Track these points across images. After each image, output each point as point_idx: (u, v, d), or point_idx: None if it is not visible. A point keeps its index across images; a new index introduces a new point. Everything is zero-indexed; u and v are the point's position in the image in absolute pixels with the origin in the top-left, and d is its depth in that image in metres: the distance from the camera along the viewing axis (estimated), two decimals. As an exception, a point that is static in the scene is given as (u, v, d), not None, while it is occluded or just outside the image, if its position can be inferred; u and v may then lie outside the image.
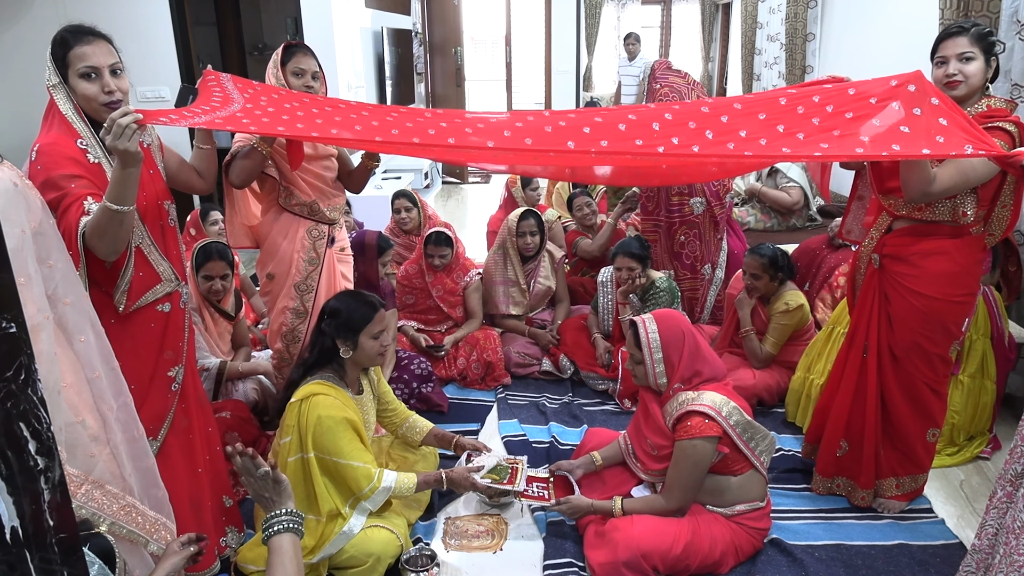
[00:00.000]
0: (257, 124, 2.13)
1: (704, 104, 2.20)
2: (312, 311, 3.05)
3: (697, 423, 2.43)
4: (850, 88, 2.16)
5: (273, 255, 3.03)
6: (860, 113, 2.10)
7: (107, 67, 2.04)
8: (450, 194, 9.36)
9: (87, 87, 2.01)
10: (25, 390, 0.76)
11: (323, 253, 3.05)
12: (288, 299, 3.05)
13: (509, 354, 4.07)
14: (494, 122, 2.27)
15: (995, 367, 3.25)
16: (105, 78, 2.03)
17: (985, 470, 3.15)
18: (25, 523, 0.76)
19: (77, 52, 2.00)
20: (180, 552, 1.84)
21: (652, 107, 2.23)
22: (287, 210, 2.99)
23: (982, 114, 2.38)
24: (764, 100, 2.20)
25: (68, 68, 2.01)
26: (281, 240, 3.00)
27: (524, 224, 4.15)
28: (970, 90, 2.40)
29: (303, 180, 2.97)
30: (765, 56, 7.74)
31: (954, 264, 2.51)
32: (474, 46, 13.97)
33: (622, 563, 2.37)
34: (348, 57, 6.48)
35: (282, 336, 3.10)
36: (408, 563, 2.49)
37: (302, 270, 3.02)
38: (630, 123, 2.13)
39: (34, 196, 1.86)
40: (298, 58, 2.84)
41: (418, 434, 2.94)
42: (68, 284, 1.91)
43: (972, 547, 2.09)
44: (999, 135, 2.29)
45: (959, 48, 2.39)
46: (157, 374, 2.22)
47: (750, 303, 3.61)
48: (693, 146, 2.08)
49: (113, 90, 2.04)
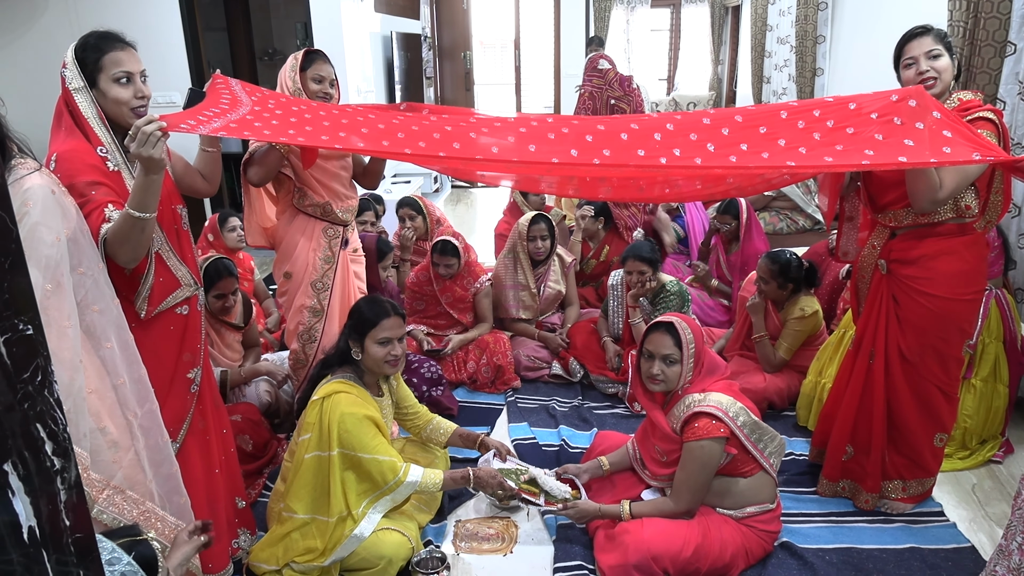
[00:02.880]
0: (269, 128, 2.15)
1: (706, 116, 2.20)
2: (327, 310, 3.09)
3: (704, 424, 2.43)
4: (851, 103, 2.17)
5: (290, 254, 3.07)
6: (861, 128, 2.11)
7: (138, 73, 2.09)
8: (459, 198, 9.37)
9: (121, 92, 2.05)
10: (42, 391, 0.77)
11: (337, 252, 3.10)
12: (305, 297, 3.09)
13: (519, 357, 4.07)
14: (499, 127, 2.29)
15: (1008, 371, 3.23)
16: (137, 83, 2.08)
17: (997, 474, 3.13)
18: (42, 523, 0.76)
19: (112, 57, 2.04)
20: (190, 542, 1.83)
21: (655, 117, 2.24)
22: (301, 211, 3.03)
23: (958, 108, 2.41)
24: (765, 114, 2.20)
25: (100, 72, 2.03)
26: (298, 239, 3.05)
27: (535, 228, 4.15)
28: (943, 87, 2.43)
29: (317, 181, 3.00)
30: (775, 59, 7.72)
31: (963, 263, 2.52)
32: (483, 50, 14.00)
33: (632, 566, 2.37)
34: (357, 62, 6.51)
35: (298, 336, 3.13)
36: (419, 565, 2.49)
37: (318, 268, 3.06)
38: (632, 132, 2.13)
39: (69, 203, 1.89)
40: (319, 64, 2.91)
41: (443, 435, 2.94)
42: (98, 291, 1.93)
43: (999, 548, 2.06)
44: (983, 125, 2.34)
45: (925, 47, 2.43)
46: (177, 376, 2.24)
47: (762, 307, 3.60)
48: (696, 158, 2.09)
49: (144, 95, 2.09)
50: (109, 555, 1.22)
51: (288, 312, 3.18)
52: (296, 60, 2.89)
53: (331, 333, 3.12)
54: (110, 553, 1.22)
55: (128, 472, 1.96)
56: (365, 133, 2.19)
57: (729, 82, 10.98)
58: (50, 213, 1.79)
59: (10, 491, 0.73)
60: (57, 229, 1.80)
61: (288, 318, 3.18)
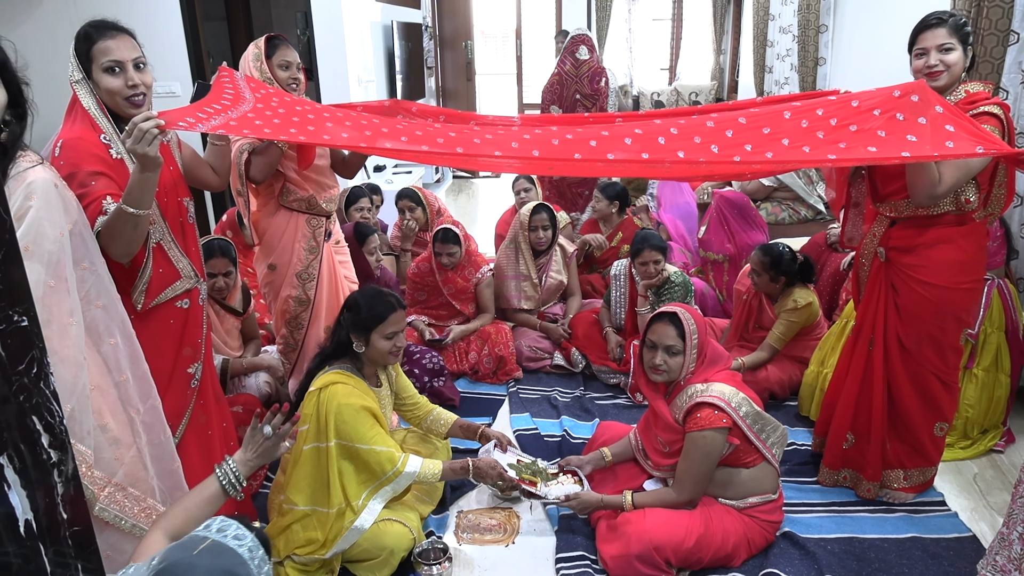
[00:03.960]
0: (270, 127, 2.14)
1: (709, 118, 2.21)
2: (314, 300, 3.10)
3: (707, 414, 2.42)
4: (853, 100, 2.18)
5: (274, 246, 3.07)
6: (864, 126, 2.12)
7: (131, 61, 2.04)
8: (461, 189, 9.35)
9: (111, 81, 2.02)
10: (38, 384, 0.76)
11: (321, 242, 3.10)
12: (290, 288, 3.09)
13: (521, 348, 4.07)
14: (502, 134, 2.29)
15: (1009, 361, 3.23)
16: (129, 72, 2.04)
17: (999, 463, 3.13)
18: (39, 516, 0.76)
19: (100, 47, 2.01)
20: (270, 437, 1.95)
21: (658, 123, 2.24)
22: (285, 207, 3.03)
23: (964, 100, 2.39)
24: (768, 114, 2.22)
25: (92, 63, 2.01)
26: (281, 231, 3.05)
27: (536, 218, 4.14)
28: (951, 79, 2.42)
29: (303, 176, 3.00)
30: (777, 48, 7.67)
31: (961, 252, 2.52)
32: (484, 40, 13.93)
33: (634, 556, 2.37)
34: (358, 51, 6.48)
35: (286, 322, 3.14)
36: (421, 556, 2.50)
37: (303, 259, 3.07)
38: (636, 137, 2.13)
39: (71, 197, 1.87)
40: (283, 50, 2.87)
41: (443, 426, 2.94)
42: (101, 286, 1.92)
43: (999, 536, 2.06)
44: (987, 119, 2.32)
45: (939, 39, 2.41)
46: (176, 371, 2.23)
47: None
48: (700, 158, 2.10)
49: (137, 84, 2.05)
50: (236, 531, 1.26)
51: (273, 303, 3.19)
52: (259, 49, 2.83)
53: (319, 324, 3.12)
54: (236, 529, 1.27)
55: (130, 469, 1.96)
56: (369, 135, 2.17)
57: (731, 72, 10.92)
58: (53, 207, 1.77)
59: (6, 484, 0.72)
60: (60, 224, 1.78)
61: (275, 307, 3.18)
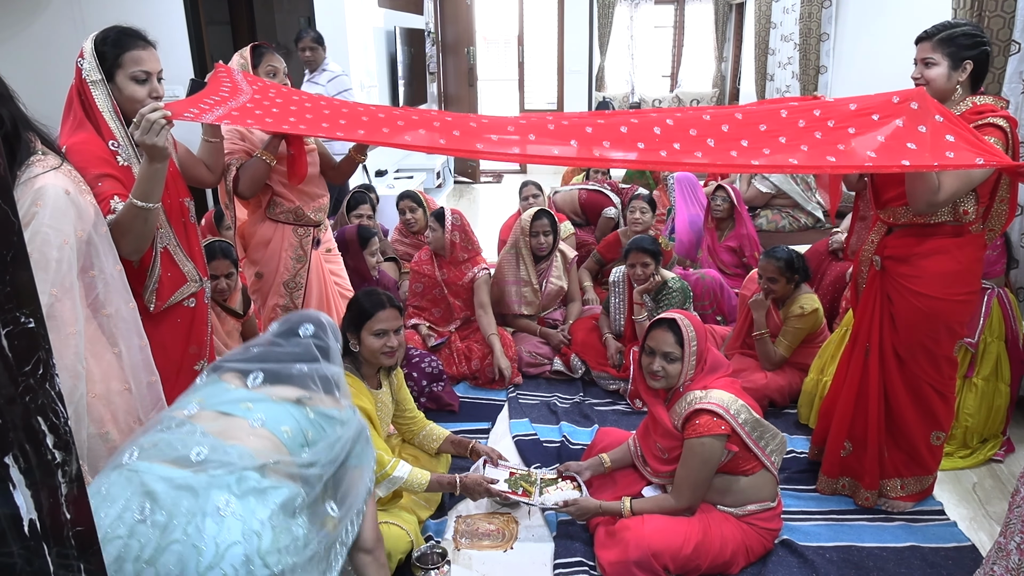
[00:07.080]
0: (269, 116, 2.16)
1: (705, 112, 2.22)
2: (302, 308, 3.09)
3: (706, 421, 2.43)
4: (851, 103, 2.18)
5: (260, 255, 3.08)
6: (862, 129, 2.11)
7: (156, 73, 2.09)
8: (462, 194, 9.37)
9: (137, 89, 2.05)
10: (43, 384, 0.77)
11: (309, 251, 3.10)
12: (277, 296, 3.10)
13: (520, 353, 4.07)
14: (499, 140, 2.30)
15: (1009, 370, 3.23)
16: (153, 83, 2.08)
17: (998, 473, 3.13)
18: (43, 516, 0.77)
19: (133, 55, 2.04)
20: None
21: (654, 115, 2.24)
22: (271, 219, 3.04)
23: (969, 111, 2.39)
24: (765, 112, 2.21)
25: (119, 68, 2.04)
26: (267, 240, 3.06)
27: (537, 224, 4.15)
28: (936, 93, 2.39)
29: (288, 188, 3.00)
30: (779, 56, 7.70)
31: (955, 263, 2.51)
32: (486, 46, 13.99)
33: (633, 562, 2.37)
34: (361, 57, 6.50)
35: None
36: (419, 560, 2.49)
37: (290, 268, 3.07)
38: (632, 126, 2.14)
39: (86, 203, 1.85)
40: (269, 57, 2.89)
41: (435, 442, 2.96)
42: (112, 293, 1.90)
43: (996, 546, 2.06)
44: (991, 131, 2.31)
45: (922, 53, 2.43)
46: (183, 369, 2.25)
47: (765, 305, 3.60)
48: (696, 152, 2.09)
49: (160, 95, 2.10)
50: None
51: (261, 310, 3.19)
52: (245, 58, 2.85)
53: None
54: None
55: None
56: (366, 121, 2.20)
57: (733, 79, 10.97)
58: (60, 215, 1.75)
59: (11, 484, 0.73)
60: (66, 232, 1.76)
61: (263, 316, 3.18)
